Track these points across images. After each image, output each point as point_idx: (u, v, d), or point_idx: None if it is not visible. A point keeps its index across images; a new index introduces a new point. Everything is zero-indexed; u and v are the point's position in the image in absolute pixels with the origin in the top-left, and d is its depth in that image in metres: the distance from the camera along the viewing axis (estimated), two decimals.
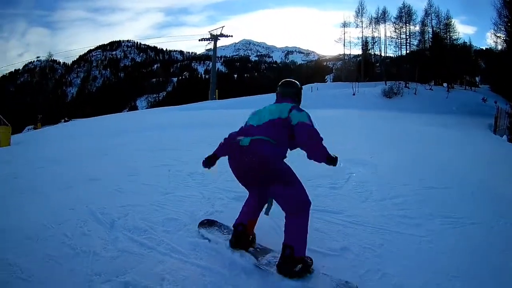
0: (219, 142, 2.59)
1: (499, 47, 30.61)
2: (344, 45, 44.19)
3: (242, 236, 2.44)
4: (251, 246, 2.49)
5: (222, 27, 51.33)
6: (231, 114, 13.24)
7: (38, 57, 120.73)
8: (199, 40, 50.78)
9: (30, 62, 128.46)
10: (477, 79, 45.32)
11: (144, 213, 3.25)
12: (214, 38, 50.41)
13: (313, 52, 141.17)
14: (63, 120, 54.74)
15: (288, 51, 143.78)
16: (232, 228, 2.51)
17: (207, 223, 2.91)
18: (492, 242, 2.83)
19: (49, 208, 3.45)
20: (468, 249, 2.69)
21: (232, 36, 55.09)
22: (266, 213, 2.57)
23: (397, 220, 3.19)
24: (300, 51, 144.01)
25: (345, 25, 43.72)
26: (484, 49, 45.96)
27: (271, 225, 2.86)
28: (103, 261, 2.38)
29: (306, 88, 35.27)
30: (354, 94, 30.66)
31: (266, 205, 2.55)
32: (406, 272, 2.30)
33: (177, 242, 2.64)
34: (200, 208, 3.41)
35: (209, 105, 28.40)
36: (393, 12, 56.83)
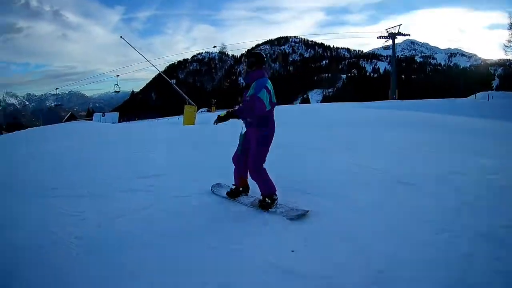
0: None
1: None
2: None
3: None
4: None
5: (399, 25, 49.44)
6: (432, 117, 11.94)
7: (206, 50, 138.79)
8: (378, 37, 50.05)
9: (199, 53, 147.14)
10: None
11: None
12: (392, 36, 48.77)
13: (474, 55, 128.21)
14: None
15: (451, 53, 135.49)
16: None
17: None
18: None
19: None
20: None
21: (409, 35, 52.28)
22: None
23: None
24: (462, 54, 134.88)
25: None
26: None
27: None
28: None
29: (481, 96, 30.17)
30: None
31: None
32: None
33: None
34: None
35: (393, 105, 25.92)
36: None
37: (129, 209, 3.84)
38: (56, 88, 45.94)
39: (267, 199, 3.51)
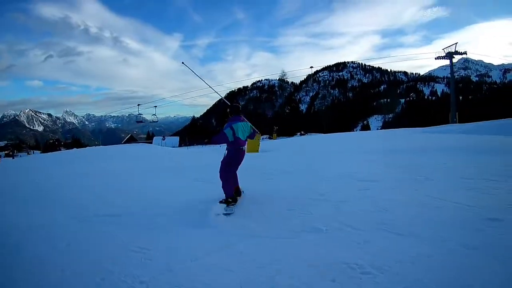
0: None
1: None
2: None
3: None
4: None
5: (455, 43, 46.93)
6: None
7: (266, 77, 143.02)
8: (436, 58, 47.88)
9: (259, 81, 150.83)
10: None
11: None
12: (450, 56, 46.35)
13: None
14: (299, 133, 60.06)
15: (506, 69, 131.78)
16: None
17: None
18: None
19: None
20: None
21: (466, 53, 49.54)
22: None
23: None
24: None
25: None
26: None
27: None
28: None
29: None
30: None
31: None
32: None
33: None
34: None
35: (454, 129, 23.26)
36: None
37: (203, 250, 3.21)
38: (138, 104, 48.05)
39: (224, 199, 4.80)
